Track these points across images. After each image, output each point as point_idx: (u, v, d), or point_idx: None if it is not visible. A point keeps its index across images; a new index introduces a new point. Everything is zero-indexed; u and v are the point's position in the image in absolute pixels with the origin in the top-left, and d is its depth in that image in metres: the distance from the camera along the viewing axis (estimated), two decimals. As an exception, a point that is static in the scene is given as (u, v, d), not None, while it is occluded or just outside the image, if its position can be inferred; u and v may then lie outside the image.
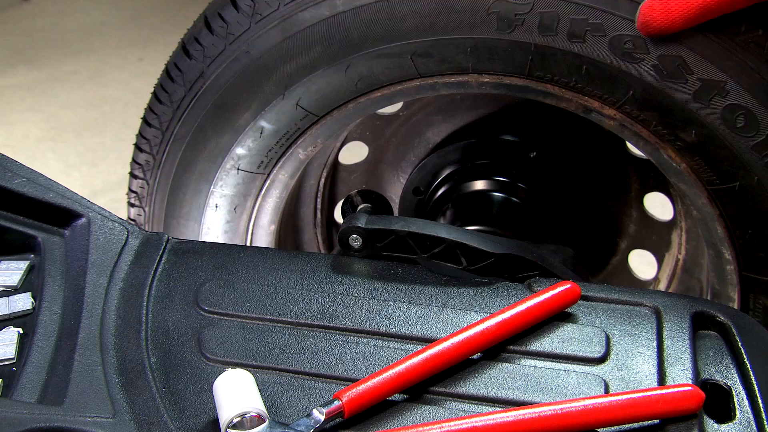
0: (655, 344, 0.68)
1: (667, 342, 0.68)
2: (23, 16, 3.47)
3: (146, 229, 1.05)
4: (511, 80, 0.86)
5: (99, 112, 2.80)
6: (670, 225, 1.22)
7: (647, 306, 0.72)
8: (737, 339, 0.68)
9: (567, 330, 0.70)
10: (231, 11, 0.90)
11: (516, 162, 1.18)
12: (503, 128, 1.21)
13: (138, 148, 1.05)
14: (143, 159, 1.05)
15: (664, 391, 0.61)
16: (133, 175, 1.08)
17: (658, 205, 1.26)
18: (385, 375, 0.63)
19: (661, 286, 1.24)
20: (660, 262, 1.26)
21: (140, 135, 1.04)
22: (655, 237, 1.25)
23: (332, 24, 0.87)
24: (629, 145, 1.16)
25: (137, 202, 1.10)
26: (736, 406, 0.64)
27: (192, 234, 1.07)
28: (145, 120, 1.03)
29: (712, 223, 0.88)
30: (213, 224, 1.06)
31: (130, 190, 1.10)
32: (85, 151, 2.59)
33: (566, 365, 0.67)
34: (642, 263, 1.30)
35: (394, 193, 1.33)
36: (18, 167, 0.78)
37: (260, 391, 0.63)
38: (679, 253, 1.20)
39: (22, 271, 0.75)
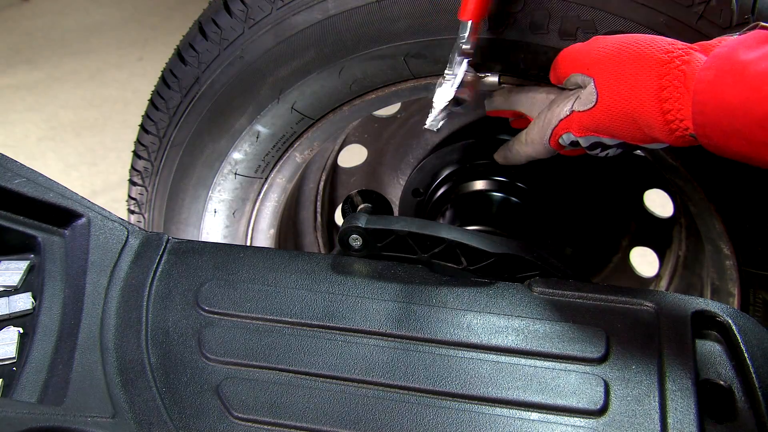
0: (655, 344, 0.68)
1: (667, 342, 0.68)
2: (23, 16, 3.47)
3: (146, 235, 1.05)
4: (505, 79, 0.86)
5: (99, 112, 2.80)
6: (671, 221, 1.22)
7: (647, 306, 0.71)
8: (737, 339, 0.67)
9: (567, 330, 0.70)
10: (224, 17, 0.90)
11: None
12: (501, 128, 1.21)
13: (136, 155, 1.05)
14: (141, 166, 1.06)
15: None
16: (132, 182, 1.08)
17: (657, 202, 1.26)
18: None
19: (663, 283, 1.24)
20: (661, 259, 1.26)
21: (138, 142, 1.04)
22: (656, 234, 1.25)
23: (324, 27, 0.87)
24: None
25: (137, 209, 1.10)
26: (736, 406, 0.64)
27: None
28: (142, 127, 1.03)
29: (710, 218, 0.88)
30: (212, 229, 1.06)
31: (129, 197, 1.10)
32: (85, 151, 2.58)
33: (566, 365, 0.67)
34: (643, 263, 1.30)
35: (394, 195, 1.33)
36: (18, 167, 0.78)
37: (260, 390, 0.63)
38: (679, 249, 1.20)
39: (22, 271, 0.75)
